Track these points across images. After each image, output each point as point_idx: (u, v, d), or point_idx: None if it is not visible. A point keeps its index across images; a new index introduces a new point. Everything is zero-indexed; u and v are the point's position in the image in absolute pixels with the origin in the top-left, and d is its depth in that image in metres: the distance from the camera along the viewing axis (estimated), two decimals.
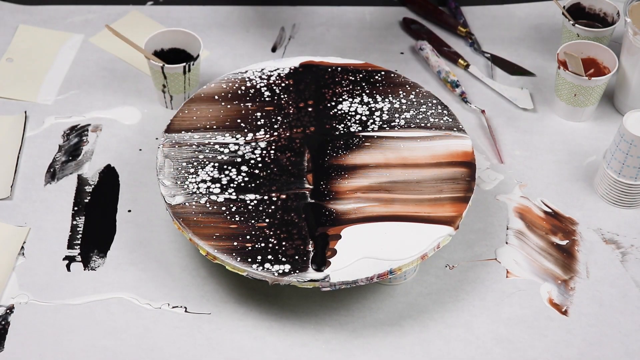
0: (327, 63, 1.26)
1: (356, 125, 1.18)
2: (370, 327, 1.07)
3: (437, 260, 1.14)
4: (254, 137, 1.16)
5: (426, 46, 1.39)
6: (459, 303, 1.10)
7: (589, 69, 1.29)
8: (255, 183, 1.11)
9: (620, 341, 1.07)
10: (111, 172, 1.23)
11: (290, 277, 1.02)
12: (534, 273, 1.13)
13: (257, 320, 1.07)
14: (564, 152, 1.27)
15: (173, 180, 1.11)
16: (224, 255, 1.03)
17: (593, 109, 1.31)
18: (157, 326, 1.07)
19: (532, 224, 1.18)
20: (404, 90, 1.23)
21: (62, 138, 1.27)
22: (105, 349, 1.04)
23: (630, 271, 1.13)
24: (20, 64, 1.38)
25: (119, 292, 1.10)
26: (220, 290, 1.10)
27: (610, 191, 1.19)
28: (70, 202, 1.19)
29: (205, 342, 1.05)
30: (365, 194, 1.10)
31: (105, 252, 1.14)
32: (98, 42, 1.42)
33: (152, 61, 1.26)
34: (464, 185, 1.11)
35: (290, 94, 1.22)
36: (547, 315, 1.09)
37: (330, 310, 1.09)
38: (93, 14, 1.46)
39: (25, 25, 1.44)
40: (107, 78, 1.36)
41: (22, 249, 1.14)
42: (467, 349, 1.05)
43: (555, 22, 1.46)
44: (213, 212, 1.08)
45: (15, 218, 1.17)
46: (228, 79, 1.24)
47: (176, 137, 1.16)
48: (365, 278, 1.02)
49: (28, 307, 1.08)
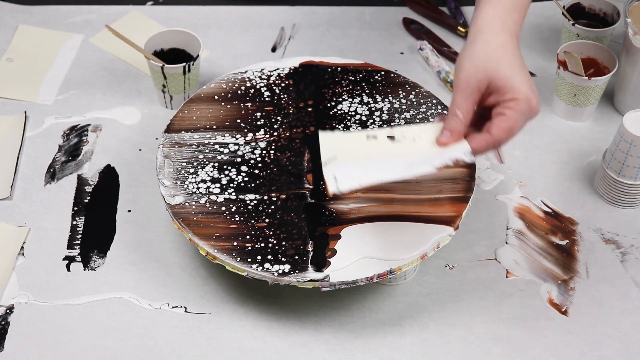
0: (327, 63, 1.26)
1: (356, 125, 1.18)
2: (370, 327, 1.07)
3: (437, 260, 1.14)
4: (254, 137, 1.16)
5: (426, 46, 1.39)
6: (459, 303, 1.10)
7: (589, 69, 1.29)
8: (255, 183, 1.11)
9: (620, 341, 1.07)
10: (111, 172, 1.23)
11: (290, 277, 1.02)
12: (533, 273, 1.13)
13: (257, 320, 1.07)
14: (564, 152, 1.27)
15: (173, 180, 1.11)
16: (223, 255, 1.03)
17: (593, 109, 1.31)
18: (157, 326, 1.07)
19: (532, 224, 1.18)
20: (403, 90, 1.23)
21: (62, 138, 1.27)
22: (105, 349, 1.04)
23: (630, 271, 1.13)
24: (20, 64, 1.38)
25: (119, 292, 1.10)
26: (220, 290, 1.10)
27: (610, 191, 1.19)
28: (70, 202, 1.19)
29: (205, 342, 1.05)
30: (365, 194, 1.10)
31: (105, 252, 1.14)
32: (98, 42, 1.42)
33: (152, 61, 1.26)
34: (463, 185, 1.11)
35: (290, 94, 1.22)
36: (547, 315, 1.09)
37: (330, 310, 1.09)
38: (93, 14, 1.46)
39: (25, 25, 1.44)
40: (107, 78, 1.36)
41: (22, 249, 1.14)
42: (467, 349, 1.05)
43: (555, 22, 1.46)
44: (213, 212, 1.08)
45: (15, 218, 1.17)
46: (228, 79, 1.24)
47: (176, 137, 1.16)
48: (365, 278, 1.02)
49: (28, 307, 1.08)
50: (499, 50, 0.98)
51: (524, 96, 0.96)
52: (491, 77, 0.97)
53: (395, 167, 0.96)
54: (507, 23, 1.00)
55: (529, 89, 0.97)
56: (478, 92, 0.98)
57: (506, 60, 0.97)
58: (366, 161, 0.98)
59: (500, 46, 0.98)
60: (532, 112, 0.97)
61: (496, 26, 0.99)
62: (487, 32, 0.99)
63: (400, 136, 1.01)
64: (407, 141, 1.00)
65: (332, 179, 0.96)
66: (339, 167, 0.98)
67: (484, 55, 0.97)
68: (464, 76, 0.98)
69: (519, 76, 0.97)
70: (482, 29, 1.00)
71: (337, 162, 0.98)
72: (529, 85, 0.97)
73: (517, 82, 0.96)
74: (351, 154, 0.99)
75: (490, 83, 0.97)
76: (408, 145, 0.99)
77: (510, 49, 0.99)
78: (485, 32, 0.99)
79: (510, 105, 0.96)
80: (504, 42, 0.98)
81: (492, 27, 0.99)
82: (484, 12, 1.01)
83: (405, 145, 1.00)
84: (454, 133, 0.98)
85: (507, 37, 0.99)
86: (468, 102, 0.98)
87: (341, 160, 0.99)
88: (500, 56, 0.97)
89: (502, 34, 0.99)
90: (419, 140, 1.00)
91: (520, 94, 0.96)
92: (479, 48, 0.98)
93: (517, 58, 0.99)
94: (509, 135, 0.97)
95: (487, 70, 0.97)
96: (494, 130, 0.97)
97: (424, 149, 0.99)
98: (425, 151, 0.99)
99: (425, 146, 0.99)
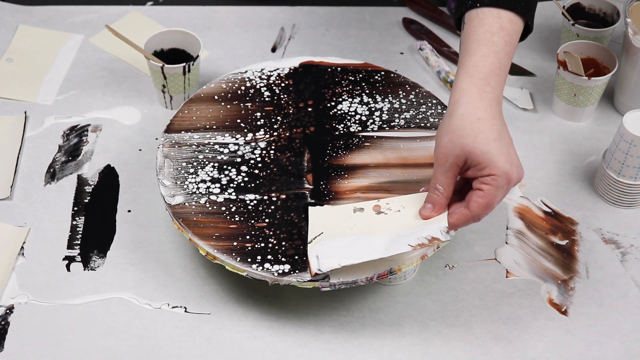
0: (327, 63, 1.26)
1: (356, 125, 1.18)
2: (370, 327, 1.07)
3: (437, 260, 1.14)
4: (254, 137, 1.16)
5: (426, 46, 1.39)
6: (459, 303, 1.10)
7: (588, 69, 1.29)
8: (255, 183, 1.11)
9: (620, 341, 1.07)
10: (111, 172, 1.23)
11: (290, 277, 1.02)
12: (533, 273, 1.13)
13: (257, 320, 1.07)
14: (564, 152, 1.27)
15: (173, 181, 1.11)
16: (223, 255, 1.03)
17: (593, 109, 1.31)
18: (157, 326, 1.07)
19: (531, 224, 1.18)
20: (403, 90, 1.23)
21: (62, 138, 1.27)
22: (105, 349, 1.04)
23: (630, 271, 1.13)
24: (20, 64, 1.38)
25: (119, 292, 1.10)
26: (220, 290, 1.10)
27: (610, 191, 1.19)
28: (70, 202, 1.19)
29: (205, 342, 1.05)
30: (365, 194, 1.10)
31: (105, 252, 1.14)
32: (98, 42, 1.42)
33: (152, 61, 1.26)
34: None
35: (290, 94, 1.22)
36: (547, 315, 1.09)
37: (330, 310, 1.09)
38: (93, 14, 1.46)
39: (25, 25, 1.44)
40: (107, 78, 1.36)
41: (22, 249, 1.14)
42: (467, 348, 1.05)
43: (555, 22, 1.46)
44: (213, 212, 1.08)
45: (15, 218, 1.17)
46: (228, 79, 1.24)
47: (176, 137, 1.16)
48: (365, 278, 1.02)
49: (28, 307, 1.08)
50: (475, 124, 0.96)
51: (501, 172, 0.96)
52: (468, 153, 0.96)
53: (374, 246, 1.00)
54: (485, 90, 0.98)
55: (506, 164, 0.96)
56: (457, 167, 0.98)
57: (483, 135, 0.96)
58: (349, 239, 1.01)
59: (477, 119, 0.97)
60: (511, 183, 0.97)
61: (473, 96, 0.98)
62: (464, 104, 0.98)
63: (385, 208, 1.04)
64: (392, 213, 1.03)
65: (314, 257, 1.01)
66: (322, 246, 1.01)
67: (460, 130, 0.97)
68: (442, 151, 0.98)
69: (496, 151, 0.96)
70: (459, 100, 0.98)
71: (322, 240, 1.02)
72: (506, 159, 0.96)
73: (494, 158, 0.96)
74: (336, 230, 1.03)
75: (467, 158, 0.97)
76: (392, 217, 1.03)
77: (488, 120, 0.97)
78: (463, 104, 0.98)
79: (487, 181, 0.96)
80: (481, 115, 0.97)
81: (469, 98, 0.98)
82: (460, 81, 1.00)
83: (389, 217, 1.03)
84: (436, 206, 1.00)
85: (485, 107, 0.98)
86: (447, 176, 0.98)
87: (326, 237, 1.02)
88: (476, 131, 0.96)
89: (479, 104, 0.98)
90: (403, 211, 1.03)
91: (498, 169, 0.96)
92: (456, 122, 0.97)
93: (495, 130, 0.97)
94: (487, 210, 0.98)
95: (463, 146, 0.96)
96: (472, 206, 0.97)
97: (406, 222, 1.01)
98: (406, 225, 1.01)
99: (409, 218, 1.02)
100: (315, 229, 1.04)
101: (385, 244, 1.00)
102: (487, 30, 1.01)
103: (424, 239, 0.99)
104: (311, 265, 1.01)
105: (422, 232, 1.00)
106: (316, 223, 1.04)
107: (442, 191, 0.99)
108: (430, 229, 1.00)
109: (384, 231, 1.01)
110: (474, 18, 1.02)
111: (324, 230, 1.03)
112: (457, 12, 1.06)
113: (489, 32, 1.01)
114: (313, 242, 1.02)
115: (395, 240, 1.00)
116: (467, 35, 1.02)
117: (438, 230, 0.99)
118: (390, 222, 1.02)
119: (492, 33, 1.00)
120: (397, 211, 1.03)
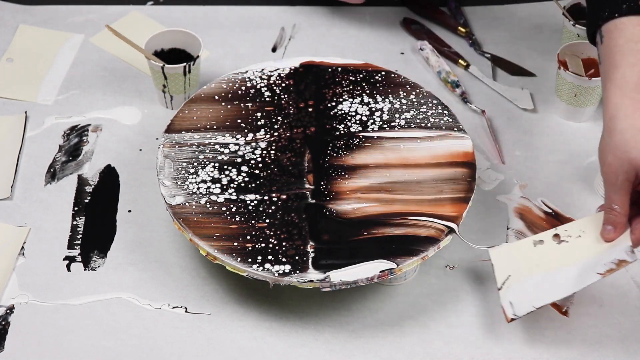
0: (327, 63, 1.26)
1: (356, 125, 1.18)
2: (371, 328, 1.07)
3: (437, 261, 1.14)
4: (254, 137, 1.16)
5: (426, 46, 1.39)
6: (459, 303, 1.10)
7: (589, 69, 1.29)
8: (256, 183, 1.11)
9: (620, 341, 1.07)
10: (111, 172, 1.23)
11: (291, 278, 1.02)
12: None
13: (257, 321, 1.07)
14: (565, 152, 1.27)
15: (173, 181, 1.11)
16: (224, 256, 1.03)
17: (593, 109, 1.31)
18: (157, 326, 1.07)
19: (532, 224, 1.18)
20: (404, 91, 1.23)
21: (62, 138, 1.27)
22: (105, 349, 1.04)
23: (630, 271, 1.13)
24: (20, 64, 1.38)
25: (119, 292, 1.10)
26: (221, 291, 1.10)
27: None
28: (71, 202, 1.19)
29: (205, 342, 1.05)
30: (365, 194, 1.10)
31: (105, 252, 1.14)
32: (98, 42, 1.42)
33: (152, 61, 1.26)
34: (464, 186, 1.11)
35: (291, 94, 1.22)
36: (547, 315, 1.09)
37: (330, 310, 1.09)
38: (93, 14, 1.46)
39: (25, 25, 1.44)
40: (107, 78, 1.36)
41: (22, 249, 1.14)
42: (467, 349, 1.05)
43: (556, 22, 1.46)
44: (213, 212, 1.08)
45: (15, 218, 1.17)
46: (228, 79, 1.24)
47: (176, 137, 1.16)
48: (366, 278, 1.02)
49: (28, 308, 1.08)
50: (637, 136, 0.96)
51: None
52: (637, 166, 0.96)
53: (564, 281, 1.00)
54: (639, 99, 0.98)
55: None
56: (628, 183, 0.97)
57: None
58: (537, 277, 1.01)
59: (638, 131, 0.96)
60: None
61: (629, 109, 0.98)
62: (621, 118, 0.97)
63: (565, 235, 1.03)
64: (572, 240, 1.03)
65: (508, 304, 1.01)
66: (513, 291, 1.02)
67: (624, 145, 0.96)
68: (610, 170, 0.97)
69: None
70: (615, 115, 0.98)
71: (511, 284, 1.02)
72: None
73: None
74: (522, 269, 1.03)
75: (638, 172, 0.96)
76: (574, 245, 1.02)
77: None
78: (620, 119, 0.97)
79: None
80: None
81: (625, 112, 0.97)
82: (612, 95, 0.99)
83: (571, 245, 1.03)
84: (617, 226, 0.99)
85: None
86: (621, 193, 0.98)
87: (514, 279, 1.02)
88: None
89: (636, 115, 0.97)
90: (584, 236, 1.03)
91: None
92: (617, 138, 0.97)
93: None
94: None
95: (631, 160, 0.96)
96: None
97: (589, 248, 1.01)
98: (590, 251, 1.01)
99: (590, 243, 1.01)
100: (502, 273, 1.03)
101: (574, 277, 1.00)
102: (629, 40, 1.00)
103: (612, 264, 0.99)
104: (506, 312, 1.01)
105: (607, 256, 0.99)
106: (501, 266, 1.04)
107: (619, 210, 0.98)
108: (615, 251, 0.99)
109: (569, 263, 1.01)
110: (612, 30, 1.02)
111: (510, 272, 1.03)
112: (591, 26, 1.05)
113: (632, 40, 1.00)
114: (503, 287, 1.02)
115: (583, 271, 1.00)
116: (609, 47, 1.01)
117: (623, 252, 0.99)
118: (573, 251, 1.02)
119: (635, 42, 1.00)
120: (578, 237, 1.02)
